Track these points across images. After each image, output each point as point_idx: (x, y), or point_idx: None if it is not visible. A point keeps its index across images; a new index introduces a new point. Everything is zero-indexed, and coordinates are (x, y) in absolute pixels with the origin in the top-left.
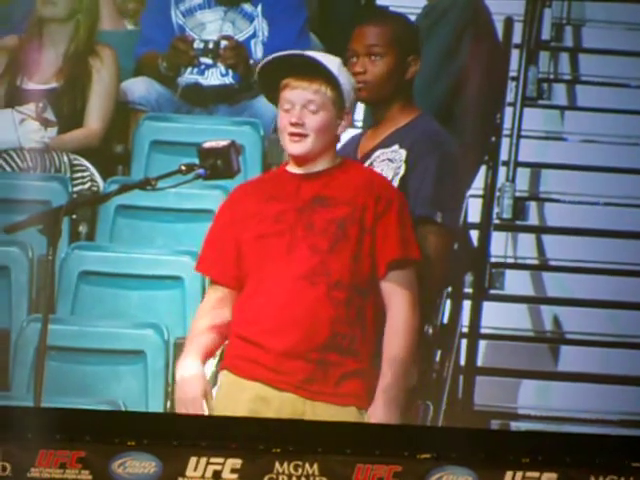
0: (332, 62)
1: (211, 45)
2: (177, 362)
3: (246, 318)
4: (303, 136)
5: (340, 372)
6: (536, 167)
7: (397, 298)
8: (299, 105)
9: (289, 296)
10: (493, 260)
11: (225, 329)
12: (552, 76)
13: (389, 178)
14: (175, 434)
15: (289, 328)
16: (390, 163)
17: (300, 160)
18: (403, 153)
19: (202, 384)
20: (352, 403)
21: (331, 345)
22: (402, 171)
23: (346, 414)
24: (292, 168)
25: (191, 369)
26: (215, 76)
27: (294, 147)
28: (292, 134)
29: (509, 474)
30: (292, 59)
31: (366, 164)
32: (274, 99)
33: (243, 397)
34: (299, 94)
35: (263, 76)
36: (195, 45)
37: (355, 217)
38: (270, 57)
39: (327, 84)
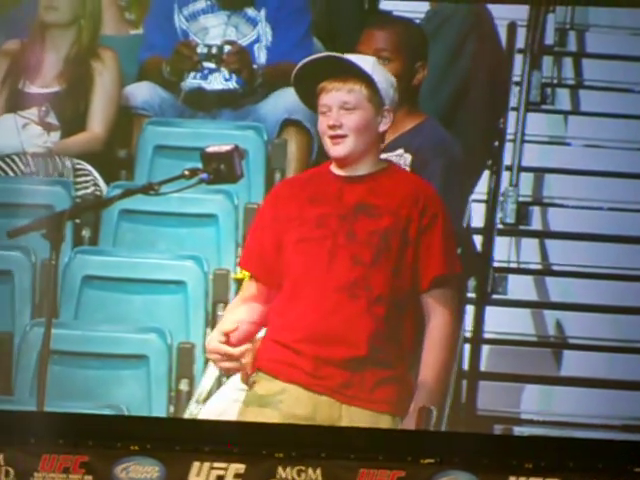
0: (365, 60)
1: (214, 50)
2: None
3: (283, 324)
4: (343, 137)
5: (375, 379)
6: (539, 172)
7: (440, 314)
8: (335, 107)
9: (329, 307)
10: (496, 265)
11: (257, 324)
12: (556, 81)
13: None
14: (178, 439)
15: (328, 339)
16: None
17: (343, 162)
18: (408, 158)
19: (215, 335)
20: (387, 410)
21: (369, 359)
22: None
23: (381, 420)
24: (336, 169)
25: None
26: (218, 81)
27: (335, 149)
28: (332, 137)
29: (512, 479)
30: (324, 62)
31: None
32: (313, 106)
33: (278, 398)
34: (334, 96)
35: (299, 84)
36: (198, 50)
37: (398, 228)
38: (300, 63)
39: (361, 82)
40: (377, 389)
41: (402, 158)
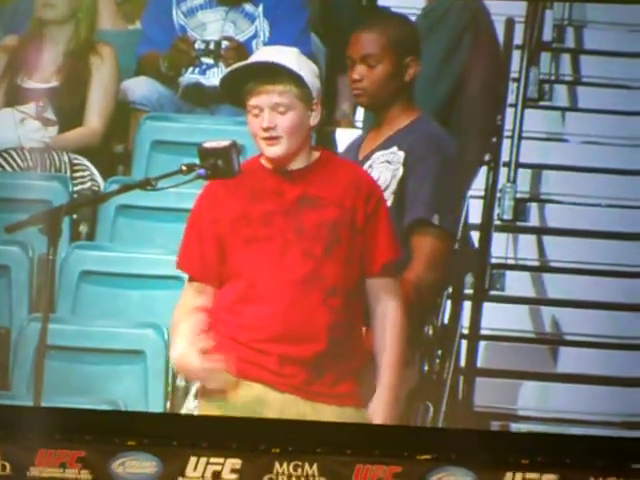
0: (290, 57)
1: (212, 46)
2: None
3: (241, 323)
4: (277, 138)
5: (335, 374)
6: (537, 168)
7: (392, 300)
8: (267, 109)
9: (287, 304)
10: (494, 261)
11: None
12: (553, 77)
13: (387, 180)
14: (175, 434)
15: (290, 337)
16: (388, 165)
17: (279, 162)
18: (401, 155)
19: (193, 354)
20: (349, 404)
21: (330, 352)
22: (400, 173)
23: (345, 415)
24: (269, 164)
25: (180, 349)
26: (216, 76)
27: (270, 150)
28: (265, 139)
29: (509, 475)
30: (252, 67)
31: (365, 166)
32: (240, 105)
33: (242, 398)
34: (265, 98)
35: (225, 88)
36: (196, 46)
37: (345, 219)
38: (227, 71)
39: (290, 82)
40: (337, 385)
41: (396, 155)
